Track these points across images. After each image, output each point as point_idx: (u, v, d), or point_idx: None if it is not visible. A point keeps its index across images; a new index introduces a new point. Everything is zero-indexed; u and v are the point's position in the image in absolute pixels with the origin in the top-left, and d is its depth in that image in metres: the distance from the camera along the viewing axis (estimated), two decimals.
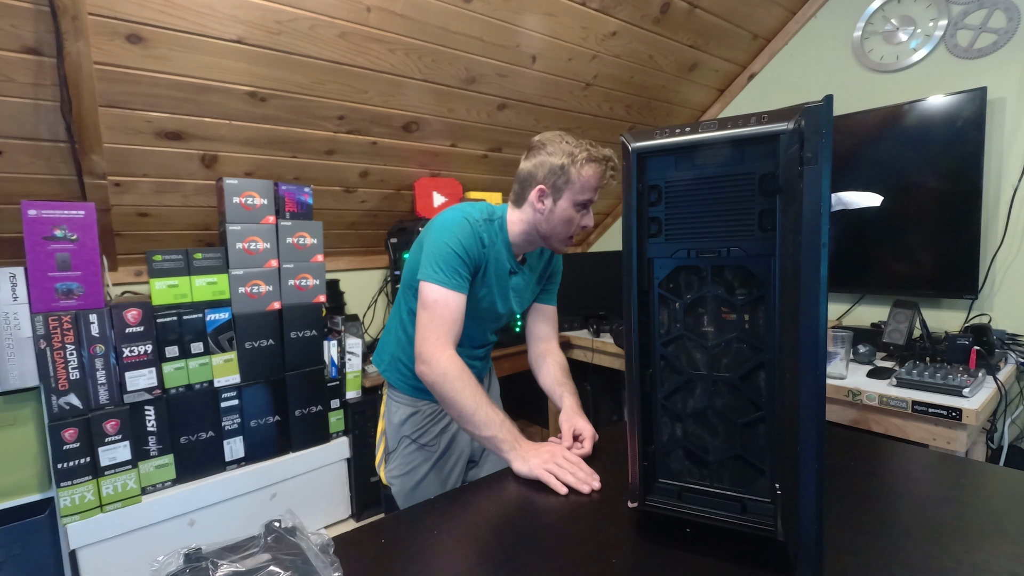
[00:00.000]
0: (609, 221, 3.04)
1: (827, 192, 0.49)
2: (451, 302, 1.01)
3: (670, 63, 2.11)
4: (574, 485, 0.83)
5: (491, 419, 0.94)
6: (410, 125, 1.90)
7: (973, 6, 1.71)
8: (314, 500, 1.86)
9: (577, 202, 1.05)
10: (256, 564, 0.62)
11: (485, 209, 1.12)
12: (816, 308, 0.51)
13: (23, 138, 1.40)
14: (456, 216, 1.06)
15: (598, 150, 1.04)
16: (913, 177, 1.74)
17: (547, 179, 1.05)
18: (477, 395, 0.96)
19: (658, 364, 0.71)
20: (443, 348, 0.99)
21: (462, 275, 1.03)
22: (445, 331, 1.00)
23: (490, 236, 1.09)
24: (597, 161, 1.03)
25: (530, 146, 1.08)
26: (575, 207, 1.05)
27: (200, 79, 1.46)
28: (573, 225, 1.07)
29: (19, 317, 1.37)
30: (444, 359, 0.98)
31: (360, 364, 1.95)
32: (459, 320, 1.02)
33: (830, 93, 0.50)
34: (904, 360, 1.56)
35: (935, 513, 0.72)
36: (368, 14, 1.48)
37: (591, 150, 1.04)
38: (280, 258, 1.74)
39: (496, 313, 1.16)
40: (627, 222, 0.69)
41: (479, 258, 1.07)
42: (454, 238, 1.03)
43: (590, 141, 1.06)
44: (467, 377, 0.97)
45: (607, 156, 1.05)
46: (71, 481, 1.41)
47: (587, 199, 1.05)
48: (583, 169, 1.02)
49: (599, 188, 1.06)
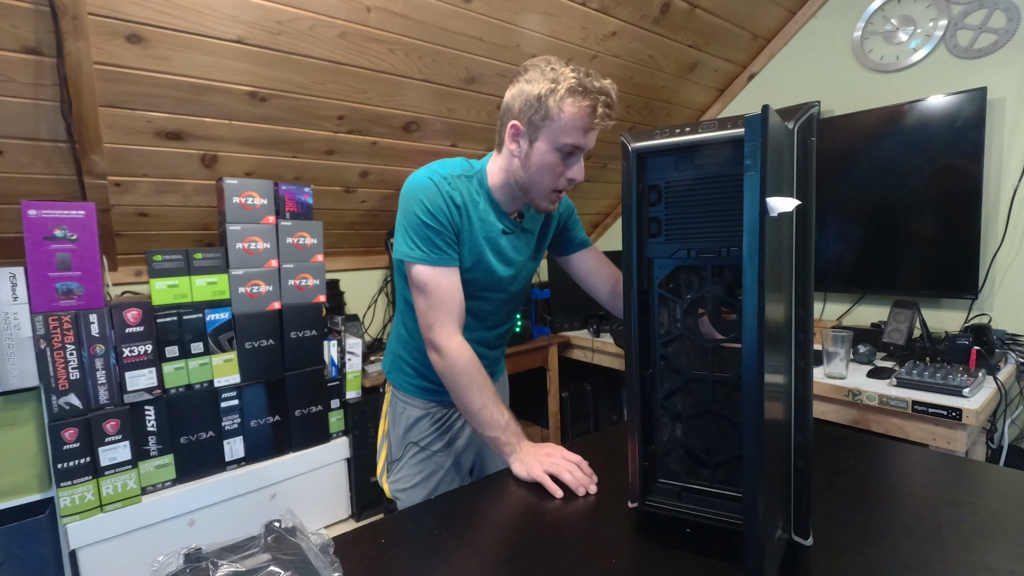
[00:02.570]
0: (609, 221, 3.04)
1: (763, 198, 0.50)
2: (441, 280, 0.91)
3: (670, 63, 2.11)
4: (571, 486, 0.81)
5: (495, 420, 0.90)
6: (410, 125, 1.90)
7: (973, 6, 1.71)
8: (314, 500, 1.86)
9: (558, 145, 0.86)
10: (256, 564, 0.62)
11: (460, 164, 0.97)
12: (753, 311, 0.52)
13: (23, 138, 1.40)
14: (420, 178, 0.93)
15: (590, 80, 0.84)
16: (913, 177, 1.74)
17: (522, 114, 0.87)
18: (485, 391, 0.91)
19: (658, 364, 0.71)
20: (451, 334, 0.91)
21: (441, 246, 0.91)
22: (447, 314, 0.91)
23: (467, 194, 0.94)
24: (583, 93, 0.83)
25: (515, 72, 0.91)
26: (556, 152, 0.87)
27: (200, 79, 1.46)
28: (555, 176, 0.88)
29: (19, 317, 1.37)
30: (453, 348, 0.91)
31: (360, 364, 1.95)
32: (458, 298, 0.93)
33: (766, 103, 0.52)
34: (904, 360, 1.56)
35: (935, 513, 0.72)
36: (368, 14, 1.48)
37: (580, 79, 0.83)
38: (280, 258, 1.74)
39: (497, 281, 1.01)
40: (627, 222, 0.69)
41: (452, 222, 0.92)
42: (420, 205, 0.91)
43: (588, 70, 0.85)
44: (475, 370, 0.91)
45: (599, 88, 0.83)
46: (71, 481, 1.41)
47: (571, 143, 0.86)
48: (564, 103, 0.83)
49: (589, 130, 0.85)
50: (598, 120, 0.84)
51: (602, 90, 0.84)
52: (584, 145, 0.87)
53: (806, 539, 0.63)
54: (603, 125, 0.85)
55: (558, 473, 0.83)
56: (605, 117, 0.84)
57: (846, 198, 1.89)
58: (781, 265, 0.60)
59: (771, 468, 0.57)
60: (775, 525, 0.58)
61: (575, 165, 0.89)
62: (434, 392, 1.09)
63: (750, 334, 0.52)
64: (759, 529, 0.52)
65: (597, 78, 0.85)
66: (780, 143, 0.55)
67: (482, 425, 0.91)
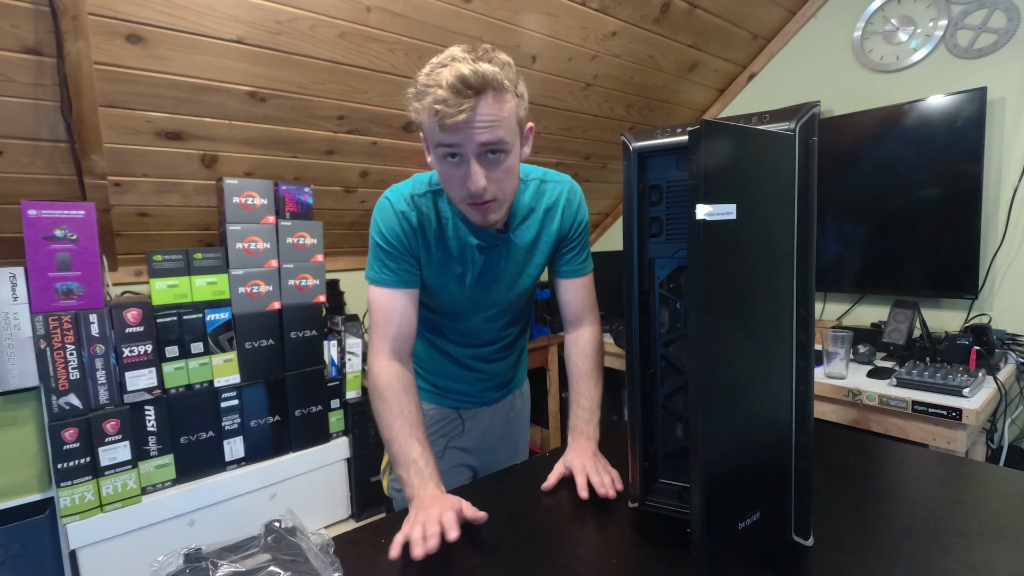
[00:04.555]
0: (609, 221, 3.04)
1: (700, 208, 0.53)
2: (383, 302, 0.89)
3: (670, 63, 2.11)
4: (412, 550, 0.66)
5: (404, 455, 0.80)
6: (410, 125, 1.90)
7: (973, 6, 1.71)
8: (314, 500, 1.86)
9: (437, 152, 0.78)
10: (256, 564, 0.62)
11: (427, 181, 0.91)
12: (698, 317, 0.55)
13: (23, 138, 1.40)
14: (381, 199, 0.90)
15: (431, 74, 0.74)
16: (913, 177, 1.74)
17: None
18: (398, 420, 0.82)
19: (658, 364, 0.71)
20: (376, 355, 0.88)
21: (391, 266, 0.89)
22: (380, 335, 0.88)
23: (433, 211, 0.89)
24: (422, 93, 0.74)
25: None
26: (440, 160, 0.79)
27: (200, 79, 1.45)
28: (457, 185, 0.80)
29: (19, 317, 1.37)
30: (375, 370, 0.86)
31: (360, 364, 1.95)
32: (395, 320, 0.88)
33: (704, 119, 0.55)
34: (904, 360, 1.56)
35: (935, 513, 0.72)
36: (368, 14, 1.48)
37: (423, 76, 0.75)
38: (280, 258, 1.74)
39: (472, 299, 0.96)
40: (628, 222, 0.69)
41: (407, 244, 0.88)
42: (375, 226, 0.90)
43: (448, 56, 0.75)
44: (391, 396, 0.84)
45: (436, 81, 0.72)
46: (71, 481, 1.41)
47: (440, 143, 0.76)
48: (414, 108, 0.78)
49: (447, 127, 0.73)
50: (441, 114, 0.72)
51: (439, 81, 0.72)
52: (456, 143, 0.75)
53: (806, 539, 0.62)
54: (454, 115, 0.71)
55: (413, 539, 0.67)
56: (450, 108, 0.71)
57: (846, 198, 1.89)
58: (771, 265, 0.60)
59: (732, 459, 0.58)
60: (738, 515, 0.59)
61: (466, 171, 0.77)
62: (433, 394, 1.09)
63: (696, 333, 0.53)
64: (703, 520, 0.55)
65: (456, 61, 0.73)
66: (755, 150, 0.57)
67: (392, 459, 0.82)
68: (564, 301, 1.03)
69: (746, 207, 0.56)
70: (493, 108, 0.74)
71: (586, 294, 1.02)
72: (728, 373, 0.58)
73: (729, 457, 0.58)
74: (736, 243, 0.56)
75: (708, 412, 0.56)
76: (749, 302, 0.59)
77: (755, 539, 0.61)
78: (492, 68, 0.73)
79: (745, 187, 0.56)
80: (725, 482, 0.58)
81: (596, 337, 1.01)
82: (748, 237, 0.57)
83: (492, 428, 1.16)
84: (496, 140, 0.76)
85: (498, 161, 0.78)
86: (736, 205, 0.55)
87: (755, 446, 0.61)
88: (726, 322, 0.57)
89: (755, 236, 0.58)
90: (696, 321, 0.55)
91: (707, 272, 0.54)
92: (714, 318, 0.55)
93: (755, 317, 0.59)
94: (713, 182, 0.53)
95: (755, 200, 0.57)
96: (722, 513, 0.58)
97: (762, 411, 0.61)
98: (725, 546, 0.58)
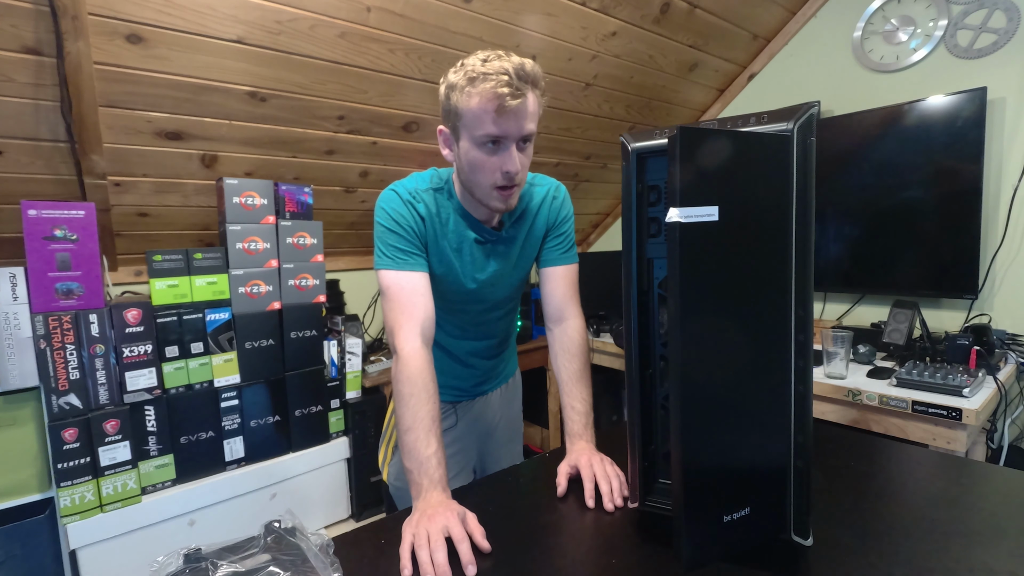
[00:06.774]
0: (609, 221, 3.04)
1: (672, 211, 0.55)
2: (404, 283, 0.88)
3: (670, 63, 2.11)
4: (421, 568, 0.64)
5: (417, 449, 0.78)
6: (410, 125, 1.90)
7: (973, 6, 1.71)
8: (314, 500, 1.86)
9: (477, 140, 0.83)
10: (256, 564, 0.62)
11: (430, 178, 0.95)
12: (677, 320, 0.56)
13: (23, 138, 1.40)
14: (386, 191, 0.93)
15: (490, 63, 0.80)
16: (913, 177, 1.74)
17: (444, 118, 0.87)
18: (421, 411, 0.81)
19: (658, 364, 0.71)
20: (407, 337, 0.86)
21: (406, 250, 0.90)
22: (408, 315, 0.87)
23: (435, 206, 0.93)
24: (480, 79, 0.79)
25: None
26: (479, 147, 0.83)
27: (200, 79, 1.46)
28: (489, 172, 0.85)
29: (19, 317, 1.37)
30: (407, 351, 0.85)
31: (360, 364, 1.95)
32: (421, 302, 0.89)
33: (680, 125, 0.56)
34: (904, 360, 1.56)
35: (935, 513, 0.72)
36: (368, 14, 1.48)
37: (476, 66, 0.80)
38: (280, 258, 1.74)
39: (470, 292, 0.99)
40: (627, 222, 0.69)
41: (417, 228, 0.91)
42: (383, 214, 0.91)
43: (501, 52, 0.82)
44: (421, 384, 0.83)
45: (497, 69, 0.78)
46: (71, 481, 1.41)
47: (486, 133, 0.81)
48: (465, 94, 0.81)
49: (500, 115, 0.79)
50: (502, 101, 0.78)
51: (500, 70, 0.78)
52: (502, 133, 0.81)
53: (806, 539, 0.62)
54: (511, 105, 0.78)
55: (418, 552, 0.66)
56: (510, 96, 0.78)
57: (846, 198, 1.89)
58: (767, 265, 0.60)
59: (718, 453, 0.60)
60: (723, 508, 0.60)
61: (506, 156, 0.83)
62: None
63: (674, 335, 0.56)
64: (683, 507, 0.56)
65: (503, 58, 0.80)
66: (740, 153, 0.58)
67: (404, 448, 0.80)
68: (547, 292, 1.04)
69: (730, 208, 0.56)
70: (534, 102, 0.83)
71: (568, 284, 1.04)
72: (712, 371, 0.58)
73: (714, 451, 0.59)
74: (720, 244, 0.57)
75: (687, 404, 0.57)
76: (737, 301, 0.59)
77: (744, 534, 0.61)
78: (536, 67, 0.82)
79: (729, 189, 0.57)
80: (709, 474, 0.59)
81: (579, 333, 1.03)
82: (734, 237, 0.58)
83: (485, 416, 1.18)
84: (532, 132, 0.85)
85: (526, 150, 0.87)
86: (718, 207, 0.56)
87: (746, 442, 0.61)
88: (708, 320, 0.57)
89: (743, 237, 0.58)
90: (673, 317, 0.56)
91: (685, 272, 0.55)
92: (695, 316, 0.56)
93: (746, 316, 0.60)
94: (691, 186, 0.55)
95: (741, 201, 0.58)
96: (704, 504, 0.59)
97: (755, 408, 0.61)
98: (707, 537, 0.59)
